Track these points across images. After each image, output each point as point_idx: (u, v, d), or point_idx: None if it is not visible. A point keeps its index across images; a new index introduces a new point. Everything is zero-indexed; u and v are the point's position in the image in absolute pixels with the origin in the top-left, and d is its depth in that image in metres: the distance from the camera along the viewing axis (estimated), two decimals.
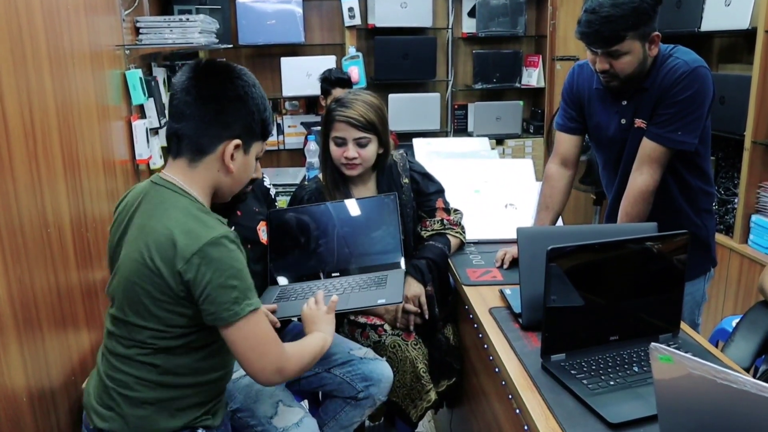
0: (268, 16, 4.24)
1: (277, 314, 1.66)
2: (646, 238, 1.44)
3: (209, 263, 1.23)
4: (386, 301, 1.69)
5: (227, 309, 1.25)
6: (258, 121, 1.35)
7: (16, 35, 1.80)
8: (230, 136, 1.32)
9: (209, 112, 1.29)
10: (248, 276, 1.29)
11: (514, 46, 4.86)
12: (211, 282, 1.23)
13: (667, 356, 0.96)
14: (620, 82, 1.86)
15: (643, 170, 1.89)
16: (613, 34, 1.76)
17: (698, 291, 2.05)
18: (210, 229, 1.26)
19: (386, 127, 2.06)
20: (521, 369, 1.42)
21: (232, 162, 1.33)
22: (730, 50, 3.52)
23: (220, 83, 1.30)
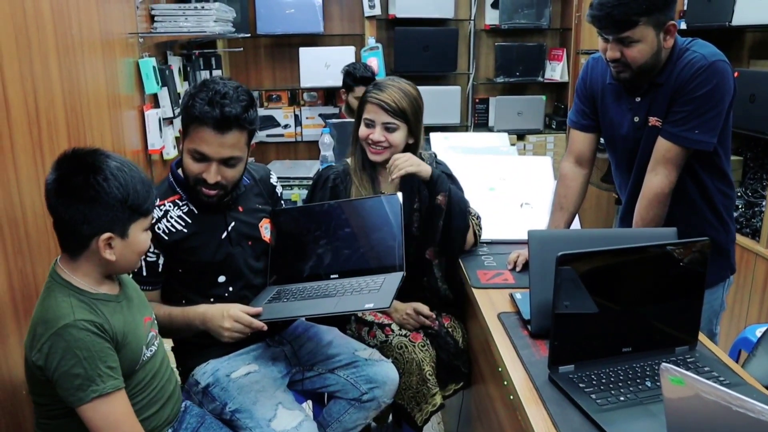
0: (287, 5, 4.19)
1: (263, 317, 1.62)
2: (664, 245, 1.36)
3: (56, 351, 1.29)
4: (374, 306, 1.62)
5: (72, 394, 1.30)
6: (125, 209, 1.35)
7: (21, 22, 1.77)
8: (98, 233, 1.34)
9: (72, 214, 1.32)
10: (99, 362, 1.31)
11: (537, 39, 4.75)
12: (57, 368, 1.30)
13: (678, 378, 0.89)
14: (632, 73, 1.77)
15: (658, 171, 1.80)
16: (625, 18, 1.67)
17: (716, 299, 1.96)
18: (60, 318, 1.31)
19: (419, 117, 2.02)
20: (527, 380, 1.35)
21: (110, 250, 1.36)
22: (763, 45, 3.38)
23: (77, 186, 1.32)
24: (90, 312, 1.34)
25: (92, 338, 1.31)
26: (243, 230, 1.80)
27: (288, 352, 1.87)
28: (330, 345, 1.89)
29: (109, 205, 1.33)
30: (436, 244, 2.00)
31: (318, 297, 1.71)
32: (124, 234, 1.37)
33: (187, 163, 1.67)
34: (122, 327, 1.38)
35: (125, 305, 1.43)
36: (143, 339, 1.45)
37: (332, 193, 2.02)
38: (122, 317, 1.40)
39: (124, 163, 1.37)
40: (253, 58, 4.50)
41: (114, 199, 1.33)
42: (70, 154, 1.37)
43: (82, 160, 1.34)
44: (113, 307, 1.39)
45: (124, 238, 1.37)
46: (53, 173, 1.35)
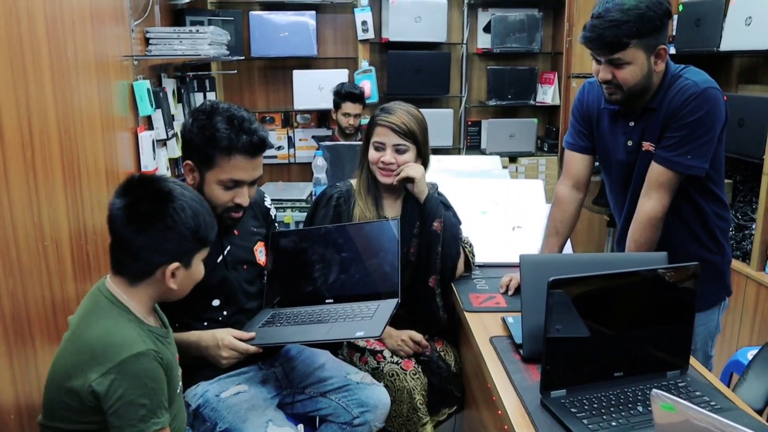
0: (281, 28, 4.22)
1: (255, 341, 1.63)
2: (654, 269, 1.37)
3: (123, 379, 1.26)
4: (365, 334, 1.63)
5: (132, 425, 1.27)
6: (195, 239, 1.37)
7: (16, 45, 1.77)
8: (168, 261, 1.34)
9: (142, 243, 1.32)
10: (161, 394, 1.30)
11: (529, 62, 4.80)
12: (122, 397, 1.26)
13: (669, 404, 0.89)
14: (623, 95, 1.80)
15: (651, 196, 1.82)
16: (616, 39, 1.70)
17: (712, 321, 1.97)
18: (132, 345, 1.29)
19: (426, 139, 2.06)
20: (519, 405, 1.35)
21: (173, 280, 1.36)
22: (751, 71, 3.44)
23: (151, 214, 1.32)
24: (153, 343, 1.33)
25: (159, 370, 1.30)
26: (238, 254, 1.81)
27: (279, 374, 1.87)
28: (322, 368, 1.88)
29: (183, 235, 1.33)
30: (437, 272, 2.01)
31: (311, 323, 1.71)
32: (189, 264, 1.38)
33: (215, 193, 1.67)
34: (170, 362, 1.37)
35: (170, 341, 1.42)
36: (178, 376, 1.44)
37: (335, 213, 2.03)
38: (169, 353, 1.39)
39: (194, 195, 1.38)
40: (246, 80, 4.52)
41: (188, 229, 1.33)
42: (137, 180, 1.37)
43: (155, 186, 1.34)
44: (163, 341, 1.38)
45: (188, 268, 1.38)
46: (122, 199, 1.33)
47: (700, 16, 3.27)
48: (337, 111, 3.91)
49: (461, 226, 2.18)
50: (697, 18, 3.29)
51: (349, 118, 3.87)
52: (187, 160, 1.71)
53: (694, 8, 3.35)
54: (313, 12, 4.26)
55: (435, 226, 2.00)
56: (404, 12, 4.34)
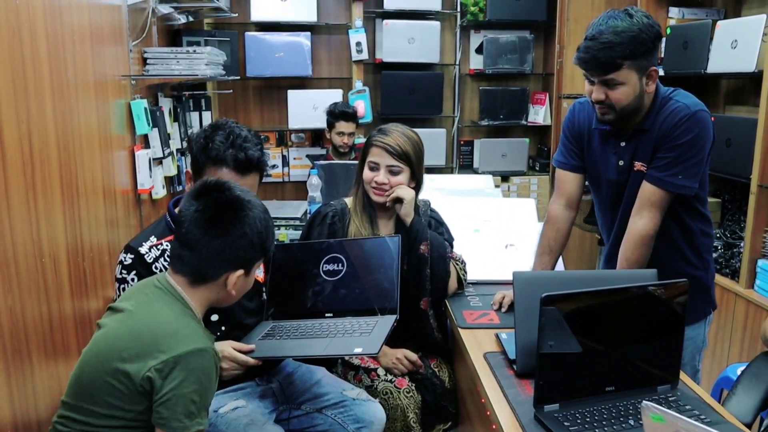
0: (277, 48, 4.27)
1: (254, 354, 1.65)
2: (645, 286, 1.41)
3: (182, 370, 1.26)
4: (362, 350, 1.65)
5: (178, 420, 1.26)
6: (260, 249, 1.41)
7: (19, 65, 1.81)
8: (234, 268, 1.38)
9: (215, 248, 1.35)
10: (210, 395, 1.32)
11: (521, 83, 4.87)
12: (176, 389, 1.26)
13: (659, 416, 0.92)
14: (615, 114, 1.84)
15: (643, 214, 1.86)
16: (610, 60, 1.74)
17: (699, 336, 2.01)
18: (197, 340, 1.30)
19: (421, 162, 2.10)
20: (513, 419, 1.38)
21: (235, 287, 1.40)
22: (737, 92, 3.51)
23: (227, 221, 1.35)
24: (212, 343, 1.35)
25: (214, 371, 1.31)
26: None
27: (276, 389, 1.88)
28: (318, 384, 1.90)
29: (253, 243, 1.36)
30: (429, 294, 2.03)
31: (310, 337, 1.73)
32: (249, 272, 1.41)
33: None
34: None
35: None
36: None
37: (330, 231, 2.06)
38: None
39: (261, 203, 1.41)
40: (242, 99, 4.57)
41: (258, 239, 1.37)
42: (213, 185, 1.40)
43: (229, 193, 1.37)
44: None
45: (247, 276, 1.41)
46: (196, 203, 1.36)
47: (687, 39, 3.34)
48: (331, 130, 3.96)
49: (454, 242, 2.22)
50: (684, 41, 3.36)
51: (343, 136, 3.91)
52: (188, 170, 1.76)
53: (681, 31, 3.42)
54: (308, 33, 4.32)
55: (422, 249, 2.03)
56: (398, 33, 4.40)
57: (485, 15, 4.57)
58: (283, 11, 4.22)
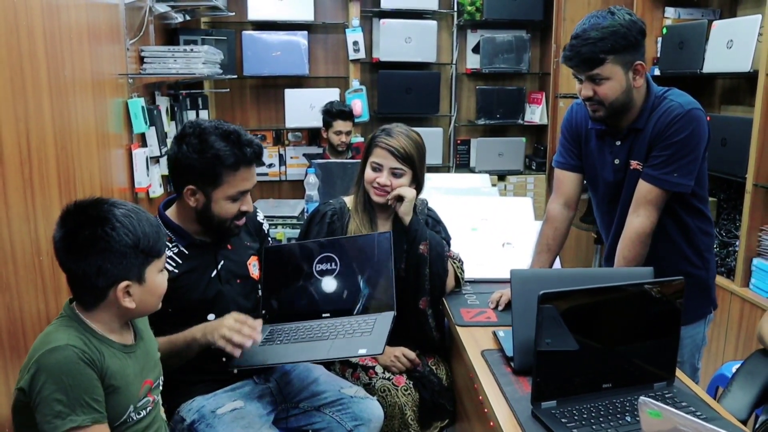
0: (274, 47, 4.28)
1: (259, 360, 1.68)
2: (641, 284, 1.42)
3: (41, 373, 1.27)
4: (367, 351, 1.65)
5: (48, 422, 1.26)
6: (138, 254, 1.35)
7: (17, 64, 1.81)
8: (115, 282, 1.34)
9: (82, 271, 1.32)
10: (82, 393, 1.28)
11: (517, 82, 4.89)
12: (40, 392, 1.26)
13: (656, 411, 0.93)
14: (605, 111, 1.86)
15: (639, 212, 1.87)
16: (593, 56, 1.77)
17: (698, 334, 2.02)
18: (51, 342, 1.29)
19: (423, 165, 2.10)
20: (511, 416, 1.39)
21: (129, 298, 1.36)
22: (732, 92, 3.52)
23: (83, 245, 1.32)
24: (84, 343, 1.32)
25: (79, 366, 1.28)
26: (232, 268, 1.83)
27: (274, 389, 1.89)
28: (316, 382, 1.91)
29: (121, 253, 1.32)
30: (427, 293, 2.04)
31: (312, 339, 1.74)
32: (141, 279, 1.37)
33: (224, 208, 1.72)
34: (115, 372, 1.35)
35: (129, 358, 1.41)
36: (134, 398, 1.41)
37: (329, 229, 2.06)
38: (119, 365, 1.37)
39: (129, 209, 1.37)
40: (238, 98, 4.57)
41: (125, 247, 1.32)
42: (72, 208, 1.36)
43: (86, 212, 1.34)
44: (113, 353, 1.37)
45: (142, 283, 1.37)
46: (60, 230, 1.34)
47: (683, 39, 3.36)
48: (328, 129, 3.97)
49: (451, 241, 2.23)
50: (680, 41, 3.38)
51: (340, 135, 3.93)
52: (189, 186, 1.71)
53: (677, 31, 3.44)
54: (305, 32, 4.32)
55: (421, 249, 2.03)
56: (395, 33, 4.41)
57: (482, 14, 4.59)
58: (280, 10, 4.23)
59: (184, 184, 1.71)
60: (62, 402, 1.26)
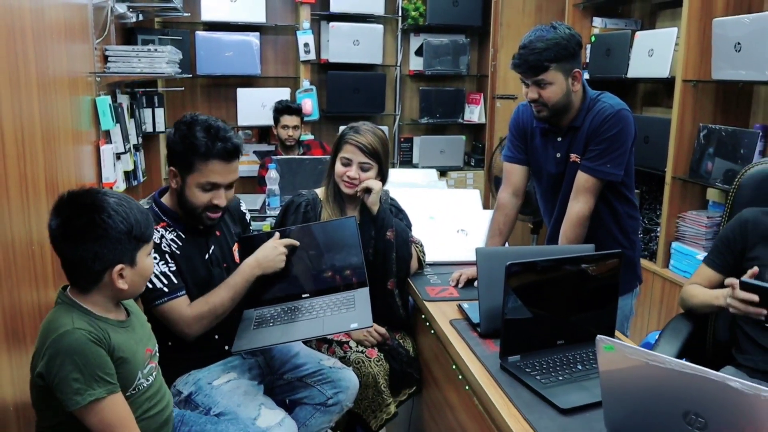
0: (226, 47, 4.40)
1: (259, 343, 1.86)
2: (590, 257, 1.68)
3: (55, 357, 1.39)
4: (358, 325, 1.86)
5: (69, 398, 1.39)
6: (131, 239, 1.48)
7: (14, 63, 1.91)
8: (110, 266, 1.46)
9: (79, 255, 1.44)
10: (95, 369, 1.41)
11: (457, 84, 5.18)
12: (57, 374, 1.38)
13: (610, 345, 1.19)
14: (548, 111, 2.13)
15: (579, 199, 2.15)
16: (539, 63, 2.05)
17: (627, 306, 2.32)
18: (59, 327, 1.41)
19: (388, 159, 2.31)
20: (483, 369, 1.62)
21: (122, 280, 1.48)
22: (653, 95, 3.91)
23: (81, 230, 1.43)
24: (89, 325, 1.44)
25: (89, 345, 1.40)
26: (220, 253, 2.00)
27: (261, 362, 2.06)
28: (297, 356, 2.09)
29: (116, 239, 1.43)
30: (395, 275, 2.26)
31: (302, 320, 1.92)
32: (133, 262, 1.49)
33: (195, 195, 1.85)
34: (120, 345, 1.47)
35: (128, 331, 1.53)
36: (140, 365, 1.53)
37: (304, 218, 2.24)
38: (122, 338, 1.49)
39: (121, 198, 1.48)
40: (190, 97, 4.66)
41: (120, 233, 1.43)
42: (66, 198, 1.46)
43: (81, 201, 1.45)
44: (114, 329, 1.49)
45: (134, 267, 1.49)
46: (55, 218, 1.44)
47: (610, 47, 3.71)
48: (277, 125, 4.12)
49: (412, 228, 2.45)
50: (607, 48, 3.73)
51: (288, 130, 4.08)
52: (171, 167, 1.89)
53: (604, 40, 3.80)
54: (257, 33, 4.47)
55: (388, 235, 2.25)
56: (343, 35, 4.62)
57: (425, 19, 4.85)
58: (233, 12, 4.36)
59: (169, 165, 1.89)
60: (79, 380, 1.39)
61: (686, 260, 3.11)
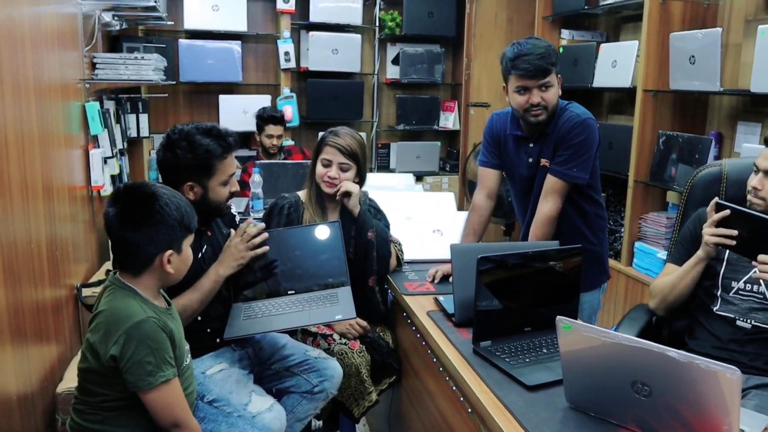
0: (209, 55, 4.52)
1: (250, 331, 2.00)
2: (554, 252, 1.85)
3: (130, 342, 1.54)
4: (343, 316, 2.03)
5: (142, 379, 1.55)
6: (181, 228, 1.65)
7: (15, 71, 2.02)
8: (162, 250, 1.63)
9: (136, 240, 1.60)
10: (165, 352, 1.58)
11: (432, 92, 5.36)
12: (131, 357, 1.54)
13: (568, 325, 1.35)
14: (547, 114, 2.28)
15: (548, 199, 2.32)
16: (546, 66, 2.21)
17: (595, 300, 2.50)
18: (134, 315, 1.56)
19: (365, 161, 2.45)
20: (457, 354, 1.78)
21: (170, 265, 1.65)
22: (618, 104, 4.12)
23: (140, 216, 1.60)
24: (154, 312, 1.60)
25: (160, 333, 1.57)
26: (213, 252, 2.12)
27: (250, 353, 2.19)
28: (284, 347, 2.23)
29: (170, 225, 1.60)
30: (375, 273, 2.41)
31: (290, 312, 2.07)
32: (180, 249, 1.65)
33: (219, 193, 2.01)
34: (173, 331, 1.64)
35: (174, 318, 1.70)
36: (184, 348, 1.72)
37: (287, 220, 2.38)
38: (172, 325, 1.65)
39: (171, 191, 1.65)
40: (172, 103, 4.77)
41: (174, 220, 1.60)
42: (123, 189, 1.63)
43: (140, 191, 1.61)
44: (167, 316, 1.65)
45: (180, 253, 1.65)
46: (113, 207, 1.59)
47: (577, 58, 3.91)
48: (261, 133, 4.25)
49: (390, 228, 2.60)
50: (574, 59, 3.93)
51: (272, 139, 4.21)
52: (187, 183, 1.97)
53: (572, 51, 3.99)
54: (239, 41, 4.59)
55: (369, 235, 2.40)
56: (322, 44, 4.77)
57: (401, 29, 5.02)
58: (215, 20, 4.48)
59: (182, 182, 1.96)
60: (152, 363, 1.55)
61: (648, 258, 3.30)
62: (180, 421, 1.62)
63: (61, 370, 2.28)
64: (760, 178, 1.86)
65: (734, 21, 3.18)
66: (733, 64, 3.12)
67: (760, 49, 2.64)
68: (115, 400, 1.61)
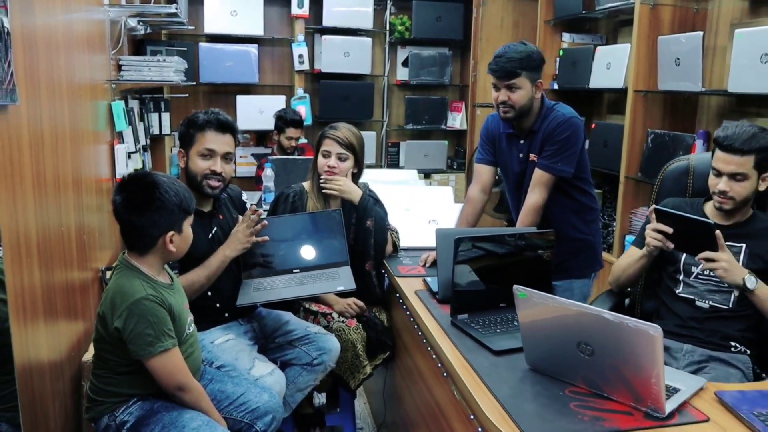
0: (227, 57, 4.77)
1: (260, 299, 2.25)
2: (527, 233, 2.05)
3: (132, 317, 1.75)
4: (344, 288, 2.27)
5: (143, 349, 1.76)
6: (180, 211, 1.86)
7: (49, 71, 2.23)
8: (165, 232, 1.84)
9: (142, 224, 1.82)
10: (163, 325, 1.79)
11: (440, 93, 5.56)
12: (133, 330, 1.74)
13: (523, 293, 1.55)
14: (514, 113, 2.48)
15: (535, 191, 2.52)
16: (512, 69, 2.41)
17: (586, 287, 2.68)
18: (135, 293, 1.77)
19: (363, 152, 2.68)
20: (437, 325, 1.98)
21: (172, 245, 1.86)
22: (616, 104, 4.26)
23: (143, 202, 1.81)
24: (153, 290, 1.81)
25: (158, 308, 1.78)
26: (222, 234, 2.35)
27: (256, 327, 2.42)
28: (287, 323, 2.45)
29: (170, 210, 1.81)
30: (372, 258, 2.62)
31: (294, 285, 2.30)
32: (180, 230, 1.87)
33: (197, 164, 2.22)
34: (173, 306, 1.85)
35: (174, 292, 1.91)
36: (186, 319, 1.93)
37: (292, 208, 2.61)
38: (173, 300, 1.87)
39: (171, 178, 1.87)
40: (193, 102, 5.02)
41: (173, 205, 1.82)
42: (128, 179, 1.86)
43: (143, 180, 1.83)
44: (167, 291, 1.87)
45: (180, 233, 1.87)
46: (120, 195, 1.82)
47: (575, 60, 4.09)
48: (281, 134, 4.47)
49: (389, 218, 2.82)
50: (573, 61, 4.11)
51: (292, 141, 4.45)
52: (180, 149, 2.28)
53: (571, 53, 4.17)
54: (256, 45, 4.84)
55: (368, 224, 2.61)
56: (335, 47, 4.99)
57: (410, 33, 5.23)
58: (233, 25, 4.73)
59: (179, 150, 2.28)
60: (151, 335, 1.77)
61: None
62: (182, 385, 1.84)
63: (87, 343, 2.50)
64: (725, 180, 1.99)
65: (721, 25, 3.34)
66: (720, 66, 3.28)
67: (737, 51, 2.81)
68: (126, 365, 1.84)
